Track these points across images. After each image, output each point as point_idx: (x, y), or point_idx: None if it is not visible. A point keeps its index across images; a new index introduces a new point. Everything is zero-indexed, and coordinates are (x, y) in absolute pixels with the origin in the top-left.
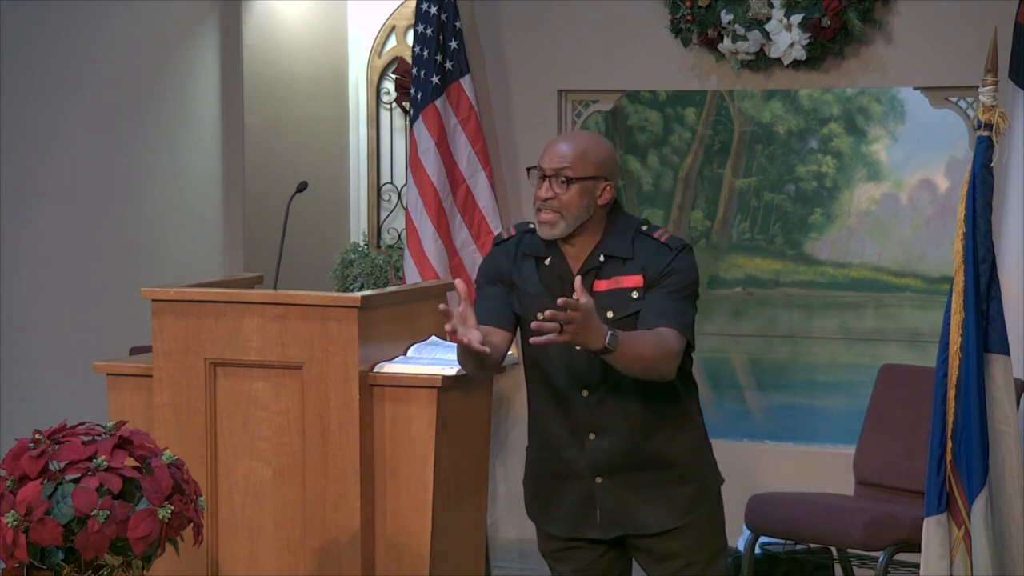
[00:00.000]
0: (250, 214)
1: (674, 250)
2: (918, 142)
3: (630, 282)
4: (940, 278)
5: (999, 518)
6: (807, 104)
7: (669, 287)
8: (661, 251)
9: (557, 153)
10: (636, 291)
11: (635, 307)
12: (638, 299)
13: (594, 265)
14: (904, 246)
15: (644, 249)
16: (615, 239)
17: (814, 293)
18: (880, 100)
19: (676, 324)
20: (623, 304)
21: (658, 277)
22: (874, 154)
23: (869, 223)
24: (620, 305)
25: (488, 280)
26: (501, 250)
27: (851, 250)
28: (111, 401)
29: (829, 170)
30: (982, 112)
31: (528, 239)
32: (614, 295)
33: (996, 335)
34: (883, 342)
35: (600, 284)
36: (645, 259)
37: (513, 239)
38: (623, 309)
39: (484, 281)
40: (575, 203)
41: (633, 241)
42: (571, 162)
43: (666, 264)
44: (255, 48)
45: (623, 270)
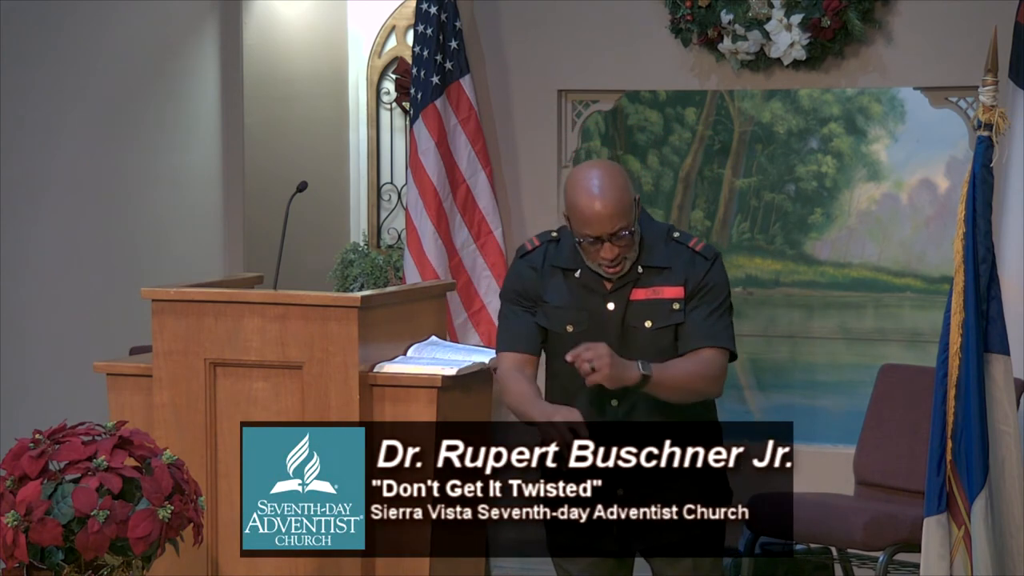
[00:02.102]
0: (250, 214)
1: (709, 260)
2: (918, 142)
3: (671, 293)
4: (940, 278)
5: (999, 518)
6: (807, 104)
7: (708, 303)
8: (697, 261)
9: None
10: (677, 302)
11: (676, 318)
12: (679, 310)
13: (631, 279)
14: (904, 246)
15: (680, 258)
16: (650, 249)
17: (814, 293)
18: (880, 100)
19: (717, 341)
20: (663, 315)
21: (697, 289)
22: (874, 154)
23: (869, 223)
24: (660, 315)
25: (514, 299)
26: (525, 263)
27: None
28: (111, 401)
29: (829, 170)
30: (982, 112)
31: (554, 250)
32: (654, 305)
33: (996, 335)
34: (883, 342)
35: (638, 293)
36: (684, 269)
37: (538, 250)
38: (663, 319)
39: (510, 299)
40: (635, 240)
41: (666, 249)
42: (622, 218)
43: (703, 275)
44: (255, 48)
45: (662, 280)
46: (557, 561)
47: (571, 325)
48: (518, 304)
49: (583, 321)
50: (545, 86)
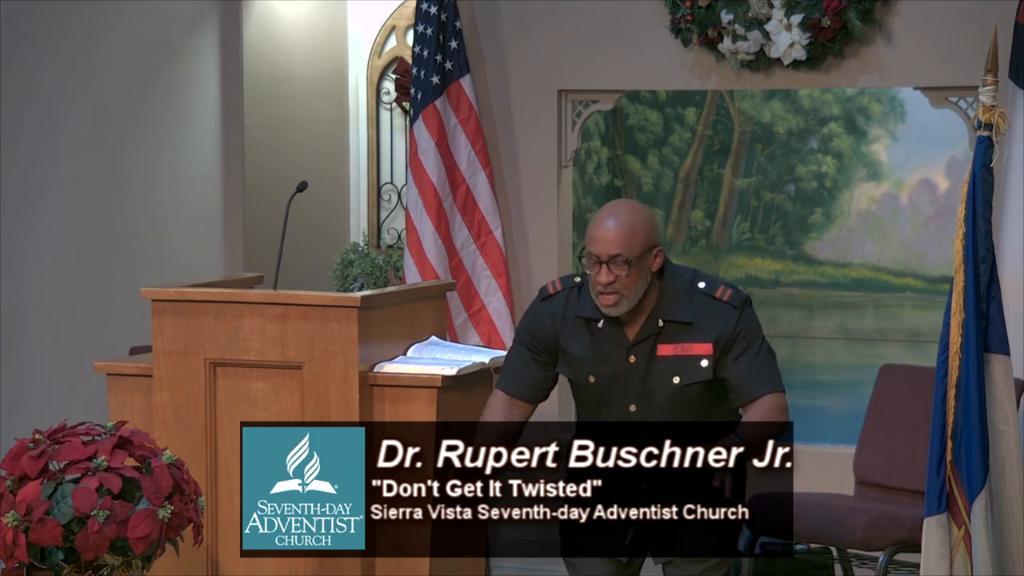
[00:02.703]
0: (250, 214)
1: (738, 309)
2: (918, 142)
3: (700, 350)
4: (940, 278)
5: (999, 518)
6: (807, 104)
7: (747, 350)
8: (727, 313)
9: (608, 237)
10: (706, 359)
11: (704, 375)
12: (707, 367)
13: (653, 331)
14: (904, 246)
15: (708, 312)
16: (672, 302)
17: (814, 293)
18: (880, 100)
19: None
20: (691, 371)
21: (731, 342)
22: (874, 154)
23: (869, 223)
24: (687, 372)
25: (527, 342)
26: (546, 309)
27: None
28: (111, 401)
29: (829, 170)
30: (982, 112)
31: (575, 297)
32: (681, 361)
33: (996, 335)
34: (883, 342)
35: (664, 348)
36: (712, 324)
37: (560, 296)
38: (690, 376)
39: (523, 341)
40: (635, 282)
41: (692, 302)
42: (624, 244)
43: (734, 326)
44: (255, 48)
45: (690, 336)
46: (570, 561)
47: (592, 376)
48: (528, 349)
49: (605, 373)
50: (545, 86)
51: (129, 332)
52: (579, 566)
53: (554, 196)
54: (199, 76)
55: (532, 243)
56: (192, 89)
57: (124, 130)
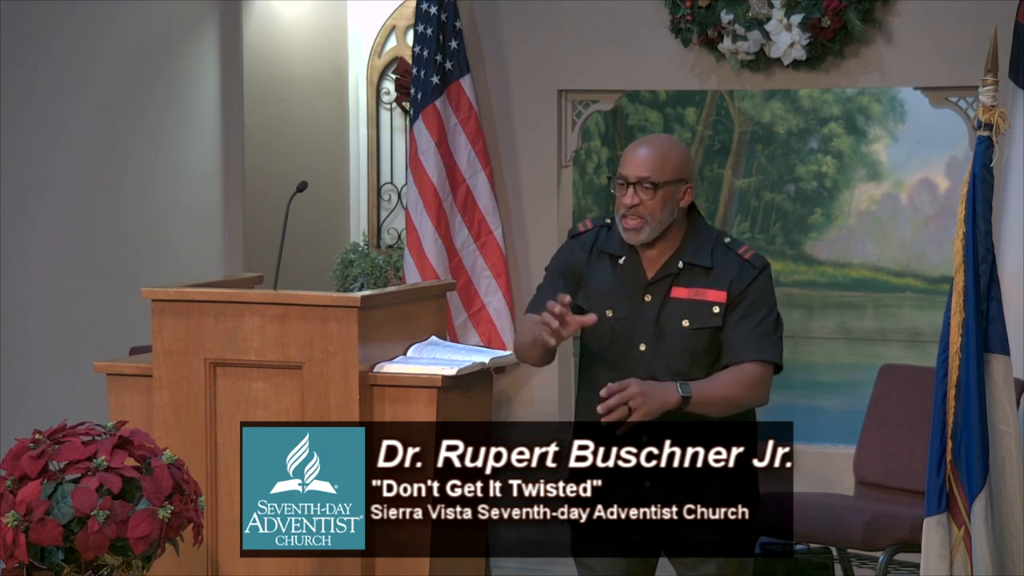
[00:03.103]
0: (250, 214)
1: (757, 268)
2: (918, 142)
3: (713, 296)
4: (940, 278)
5: (999, 518)
6: (807, 104)
7: (751, 313)
8: (745, 268)
9: (639, 160)
10: (718, 306)
11: (714, 322)
12: (718, 314)
13: (672, 271)
14: (904, 246)
15: (727, 263)
16: (695, 246)
17: (814, 293)
18: (880, 100)
19: (762, 354)
20: (702, 316)
21: (740, 296)
22: (874, 154)
23: (869, 223)
24: (699, 317)
25: (557, 273)
26: (577, 244)
27: (851, 250)
28: (111, 401)
29: (829, 170)
30: (982, 112)
31: (605, 235)
32: (694, 305)
33: (996, 335)
34: (883, 342)
35: (680, 291)
36: (730, 275)
37: (590, 233)
38: (701, 321)
39: (553, 273)
40: (660, 208)
41: (713, 252)
42: (654, 168)
43: (749, 283)
44: (255, 48)
45: (706, 282)
46: (581, 561)
47: (611, 310)
48: (560, 278)
49: (622, 308)
50: (545, 86)
51: (129, 332)
52: (592, 566)
53: (554, 196)
54: (199, 76)
55: (532, 243)
56: (192, 89)
57: (124, 130)
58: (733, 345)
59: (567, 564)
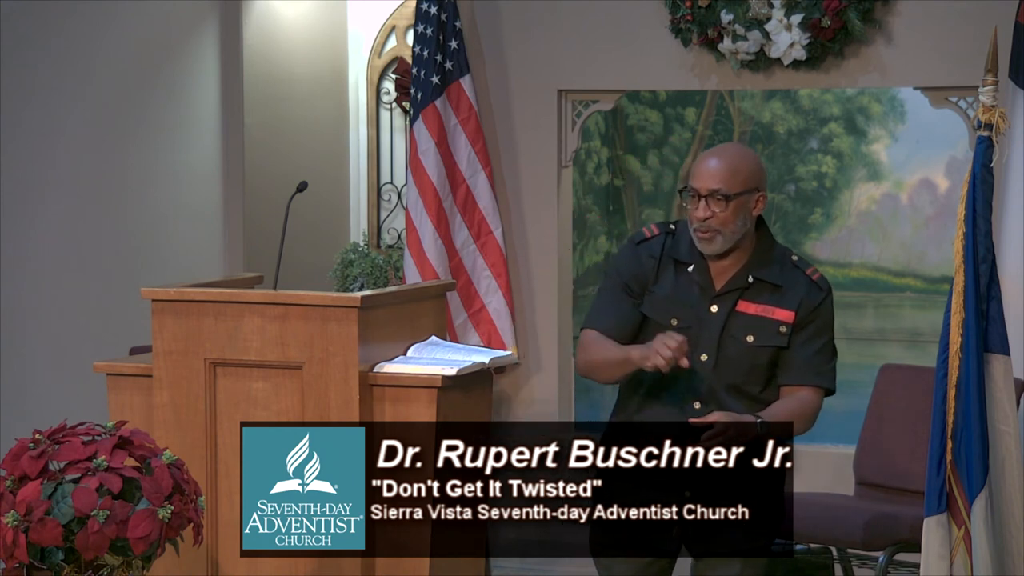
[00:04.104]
0: (250, 214)
1: (824, 291)
2: (918, 142)
3: (782, 315)
4: (940, 278)
5: (999, 518)
6: (807, 104)
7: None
8: (813, 290)
9: (710, 172)
10: (785, 326)
11: (780, 341)
12: (785, 334)
13: (740, 285)
14: (904, 246)
15: (796, 283)
16: (764, 261)
17: None
18: (880, 100)
19: (820, 381)
20: (769, 335)
21: (808, 321)
22: (874, 154)
23: (869, 223)
24: (765, 334)
25: (623, 282)
26: (644, 250)
27: (851, 250)
28: (111, 401)
29: (829, 170)
30: (982, 112)
31: (671, 241)
32: (761, 322)
33: (996, 335)
34: (883, 342)
35: (747, 306)
36: (798, 295)
37: (656, 239)
38: (767, 339)
39: (618, 281)
40: (732, 220)
41: (782, 269)
42: (725, 180)
43: (817, 305)
44: (255, 48)
45: (776, 300)
46: (600, 561)
47: (676, 319)
48: (625, 290)
49: (687, 317)
50: (545, 86)
51: (129, 332)
52: (609, 566)
53: (554, 196)
54: (199, 76)
55: (532, 243)
56: (192, 89)
57: (124, 130)
58: (794, 367)
59: (567, 564)
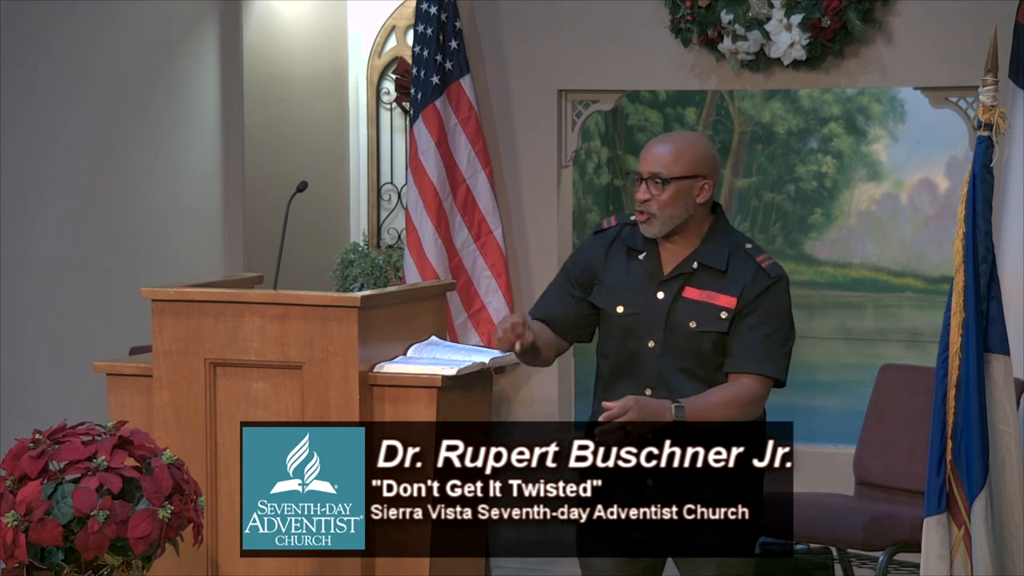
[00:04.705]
0: (250, 214)
1: (772, 278)
2: (918, 142)
3: (724, 301)
4: (940, 278)
5: (999, 518)
6: (807, 104)
7: (760, 324)
8: (760, 277)
9: (652, 155)
10: (726, 312)
11: (720, 327)
12: (725, 319)
13: (686, 271)
14: (904, 246)
15: (743, 269)
16: (712, 248)
17: (814, 293)
18: (880, 100)
19: (763, 369)
20: (710, 319)
21: (752, 304)
22: (874, 154)
23: (869, 223)
24: (706, 319)
25: (568, 271)
26: (597, 240)
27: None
28: (111, 401)
29: (829, 170)
30: (982, 112)
31: (628, 231)
32: (703, 308)
33: (996, 335)
34: (883, 342)
35: (692, 292)
36: (743, 281)
37: (612, 230)
38: (708, 325)
39: (565, 271)
40: (670, 204)
41: (730, 256)
42: (665, 164)
43: (761, 292)
44: (255, 48)
45: (720, 286)
46: (586, 562)
47: (622, 306)
48: (567, 279)
49: (634, 304)
50: (545, 86)
51: (129, 332)
52: (597, 566)
53: (554, 196)
54: (199, 76)
55: (532, 243)
56: (192, 89)
57: (124, 130)
58: (738, 354)
59: (567, 564)
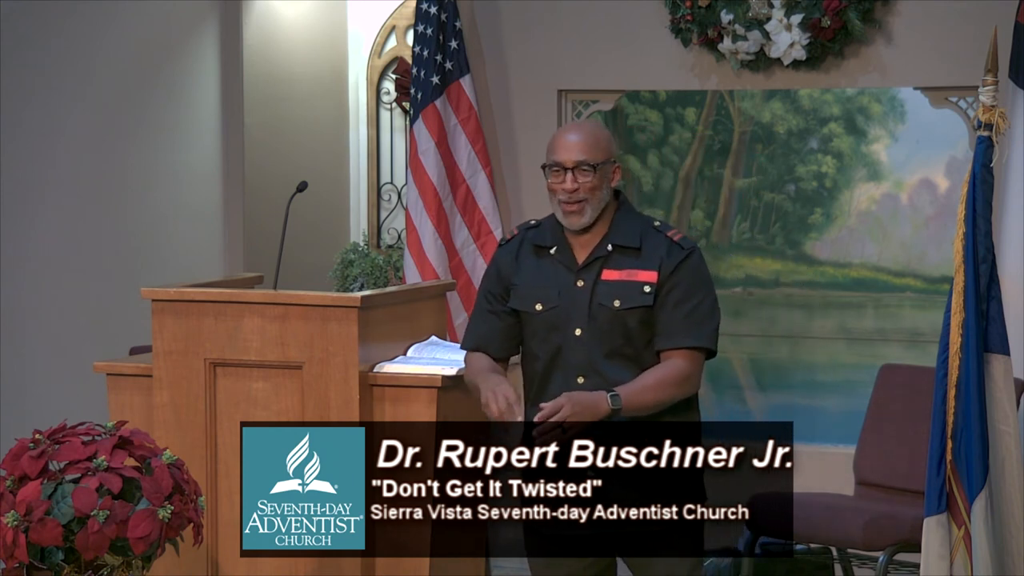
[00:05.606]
0: (250, 214)
1: (686, 250)
2: (918, 142)
3: (644, 276)
4: (940, 278)
5: (999, 518)
6: (807, 104)
7: (684, 300)
8: (674, 250)
9: (571, 145)
10: (649, 285)
11: (645, 301)
12: (649, 293)
13: (601, 254)
14: (904, 246)
15: (656, 244)
16: (623, 229)
17: (814, 293)
18: (880, 100)
19: (690, 342)
20: (633, 296)
21: (671, 277)
22: (874, 154)
23: (869, 223)
24: (630, 296)
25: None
26: (505, 250)
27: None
28: (111, 401)
29: (829, 170)
30: (982, 112)
31: (533, 233)
32: (625, 286)
33: (996, 335)
34: (883, 342)
35: (610, 274)
36: (659, 255)
37: (516, 237)
38: (632, 301)
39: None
40: (599, 188)
41: (642, 234)
42: (589, 151)
43: (678, 264)
44: (255, 48)
45: (637, 263)
46: (534, 561)
47: (539, 303)
48: (487, 299)
49: (552, 298)
50: (545, 86)
51: (129, 332)
52: (545, 566)
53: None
54: (199, 76)
55: None
56: (192, 89)
57: (124, 130)
58: (666, 331)
59: None
